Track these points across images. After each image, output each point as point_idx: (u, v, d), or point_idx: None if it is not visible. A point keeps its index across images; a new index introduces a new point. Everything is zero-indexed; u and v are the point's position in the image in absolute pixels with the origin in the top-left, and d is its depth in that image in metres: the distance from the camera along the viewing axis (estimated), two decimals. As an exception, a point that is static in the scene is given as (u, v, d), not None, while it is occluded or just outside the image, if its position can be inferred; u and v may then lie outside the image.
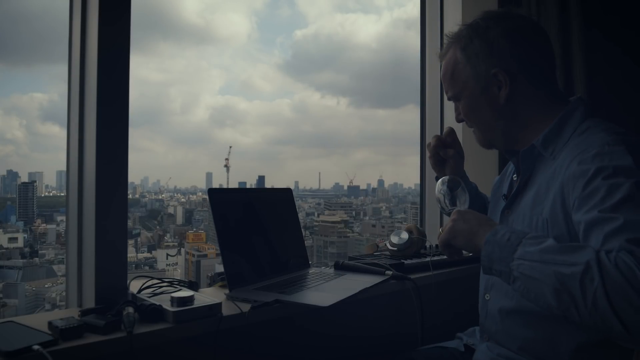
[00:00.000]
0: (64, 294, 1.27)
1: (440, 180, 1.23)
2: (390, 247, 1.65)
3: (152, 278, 1.25)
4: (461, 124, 1.25)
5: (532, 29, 1.14)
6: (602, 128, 1.01)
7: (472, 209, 1.12)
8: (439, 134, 2.05)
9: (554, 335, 1.02)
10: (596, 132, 1.01)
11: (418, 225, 1.75)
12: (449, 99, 1.23)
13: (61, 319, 0.98)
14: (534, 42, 1.12)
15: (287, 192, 1.57)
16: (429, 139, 1.41)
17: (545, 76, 1.12)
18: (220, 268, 1.29)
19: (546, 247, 0.85)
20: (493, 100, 1.12)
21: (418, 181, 2.14)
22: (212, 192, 1.30)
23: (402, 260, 1.56)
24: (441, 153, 1.38)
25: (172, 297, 1.08)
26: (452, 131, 1.40)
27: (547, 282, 0.82)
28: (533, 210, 1.05)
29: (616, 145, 0.93)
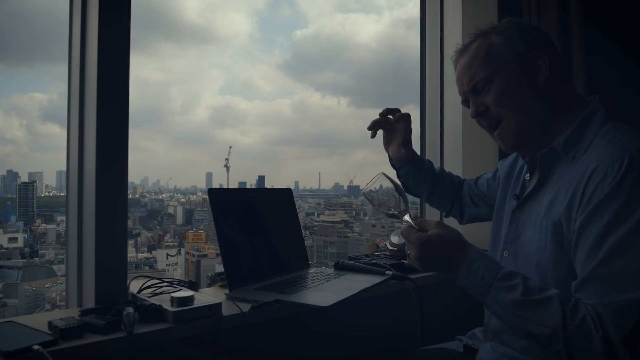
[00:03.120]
0: (64, 294, 1.27)
1: (367, 190, 1.14)
2: (390, 247, 1.65)
3: (152, 278, 1.25)
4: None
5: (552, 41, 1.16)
6: (622, 132, 0.99)
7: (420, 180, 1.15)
8: (439, 134, 2.07)
9: None
10: (619, 139, 0.98)
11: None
12: (470, 89, 1.12)
13: (61, 319, 0.98)
14: (555, 46, 1.14)
15: (287, 192, 1.57)
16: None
17: (570, 75, 1.12)
18: (220, 268, 1.29)
19: (516, 301, 0.92)
20: (533, 81, 1.07)
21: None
22: (212, 192, 1.30)
23: (402, 260, 1.56)
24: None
25: (172, 297, 1.08)
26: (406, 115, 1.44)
27: (519, 331, 0.95)
28: (547, 214, 1.03)
29: (637, 160, 0.91)
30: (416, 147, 1.50)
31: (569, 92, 1.12)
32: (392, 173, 1.52)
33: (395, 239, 1.65)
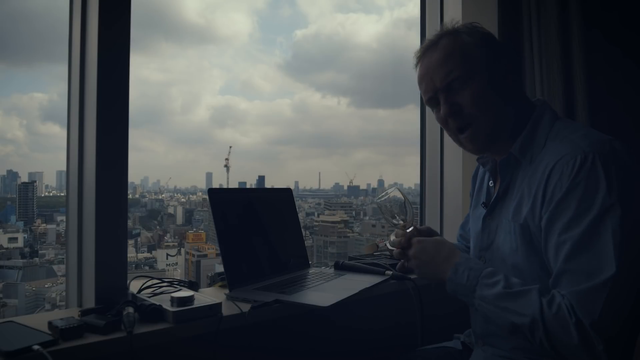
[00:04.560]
0: (64, 294, 1.27)
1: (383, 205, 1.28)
2: (390, 247, 1.65)
3: (152, 278, 1.25)
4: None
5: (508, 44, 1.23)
6: (571, 130, 1.05)
7: None
8: (439, 134, 2.06)
9: None
10: (570, 138, 1.02)
11: (418, 226, 1.75)
12: (444, 86, 1.09)
13: (61, 319, 0.98)
14: (510, 50, 1.20)
15: (287, 192, 1.57)
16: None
17: (522, 79, 1.17)
18: (220, 268, 1.29)
19: (498, 294, 0.97)
20: (504, 84, 1.09)
21: (418, 181, 2.14)
22: (212, 192, 1.30)
23: (402, 261, 1.56)
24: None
25: (172, 297, 1.08)
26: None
27: (504, 324, 0.98)
28: (514, 217, 1.07)
29: (590, 154, 0.95)
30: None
31: (524, 96, 1.17)
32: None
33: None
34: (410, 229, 1.24)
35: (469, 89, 1.07)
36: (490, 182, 1.23)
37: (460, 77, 1.07)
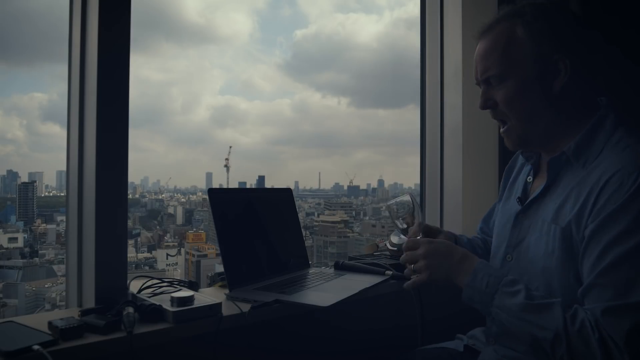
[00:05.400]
0: (64, 294, 1.27)
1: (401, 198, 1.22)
2: (390, 247, 1.65)
3: (152, 278, 1.25)
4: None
5: (590, 31, 1.07)
6: (636, 140, 0.98)
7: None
8: (439, 134, 2.06)
9: None
10: (634, 147, 0.96)
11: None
12: (483, 79, 1.09)
13: (61, 319, 0.98)
14: (594, 42, 1.06)
15: (287, 192, 1.57)
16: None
17: (594, 78, 1.06)
18: (220, 268, 1.29)
19: (520, 305, 0.93)
20: (547, 87, 1.02)
21: (418, 181, 2.14)
22: (212, 192, 1.30)
23: (402, 260, 1.56)
24: None
25: (172, 297, 1.08)
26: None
27: (523, 337, 0.96)
28: (555, 220, 1.01)
29: None
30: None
31: (587, 95, 1.06)
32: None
33: (395, 239, 1.65)
34: (416, 227, 1.18)
35: (505, 87, 1.05)
36: (529, 177, 1.17)
37: (497, 75, 1.05)
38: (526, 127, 1.07)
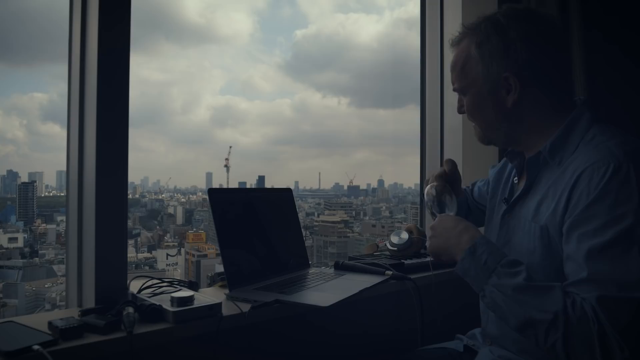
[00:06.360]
0: (64, 294, 1.27)
1: (429, 186, 1.22)
2: (390, 247, 1.65)
3: (152, 278, 1.25)
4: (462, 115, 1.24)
5: (554, 36, 1.08)
6: (609, 136, 0.99)
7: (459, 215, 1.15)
8: (439, 134, 2.07)
9: None
10: (605, 143, 0.98)
11: (418, 225, 1.75)
12: (454, 90, 1.19)
13: (61, 319, 0.98)
14: (552, 51, 1.07)
15: (287, 192, 1.57)
16: (428, 175, 1.31)
17: (557, 85, 1.08)
18: (220, 268, 1.29)
19: (519, 285, 0.92)
20: (499, 102, 1.08)
21: (418, 181, 2.14)
22: (212, 192, 1.31)
23: (402, 260, 1.56)
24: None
25: (172, 297, 1.08)
26: (453, 164, 1.30)
27: (516, 316, 0.92)
28: (534, 218, 1.04)
29: (625, 163, 0.91)
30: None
31: (553, 104, 1.08)
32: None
33: (395, 239, 1.65)
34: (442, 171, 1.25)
35: (466, 99, 1.14)
36: (515, 178, 1.20)
37: (459, 89, 1.15)
38: (486, 133, 1.17)
